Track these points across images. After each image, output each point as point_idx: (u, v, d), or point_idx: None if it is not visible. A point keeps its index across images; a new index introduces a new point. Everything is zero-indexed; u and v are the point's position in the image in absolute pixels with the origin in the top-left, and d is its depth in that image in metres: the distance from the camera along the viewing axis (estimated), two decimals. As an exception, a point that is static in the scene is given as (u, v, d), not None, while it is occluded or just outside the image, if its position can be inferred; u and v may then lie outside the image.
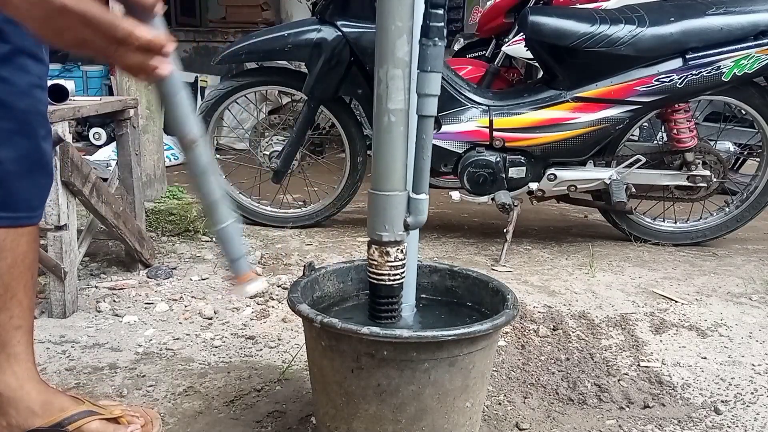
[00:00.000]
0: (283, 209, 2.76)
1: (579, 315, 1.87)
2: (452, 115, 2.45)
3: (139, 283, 2.03)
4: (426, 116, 1.05)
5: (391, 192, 1.05)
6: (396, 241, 1.07)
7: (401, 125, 1.02)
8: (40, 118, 1.06)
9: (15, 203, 1.04)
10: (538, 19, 2.36)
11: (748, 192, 2.59)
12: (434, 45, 1.01)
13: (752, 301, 2.02)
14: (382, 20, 0.98)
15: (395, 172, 1.04)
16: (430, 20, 1.01)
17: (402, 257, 1.09)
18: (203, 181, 0.92)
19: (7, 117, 1.00)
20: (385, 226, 1.06)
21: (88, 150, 4.25)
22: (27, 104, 1.02)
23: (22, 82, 1.00)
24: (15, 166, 1.02)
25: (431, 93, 1.04)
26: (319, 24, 2.45)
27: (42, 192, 1.10)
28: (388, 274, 1.09)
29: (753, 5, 2.33)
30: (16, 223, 1.05)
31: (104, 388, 1.41)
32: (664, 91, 2.34)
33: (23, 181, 1.04)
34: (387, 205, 1.05)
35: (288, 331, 1.73)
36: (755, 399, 1.46)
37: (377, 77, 1.01)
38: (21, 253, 1.06)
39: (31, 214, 1.08)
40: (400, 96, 1.01)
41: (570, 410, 1.40)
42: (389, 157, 1.04)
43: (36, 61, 1.02)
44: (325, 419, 1.14)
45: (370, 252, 1.09)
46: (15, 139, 1.01)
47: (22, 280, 1.07)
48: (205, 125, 2.67)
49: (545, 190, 2.49)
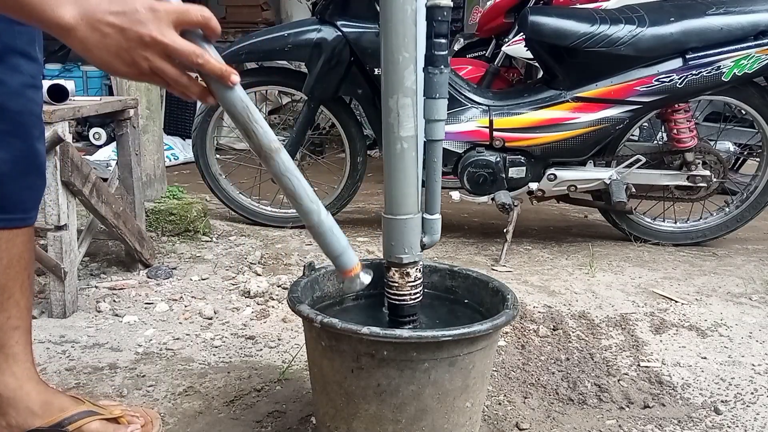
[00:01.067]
0: (283, 209, 2.76)
1: (579, 315, 1.87)
2: (452, 115, 2.45)
3: (139, 283, 2.03)
4: (435, 140, 1.10)
5: (407, 216, 1.09)
6: (415, 261, 1.12)
7: (413, 151, 1.06)
8: (34, 119, 1.04)
9: (9, 205, 1.04)
10: (538, 19, 2.36)
11: (748, 192, 2.59)
12: (440, 72, 1.07)
13: (752, 301, 2.02)
14: (390, 53, 1.02)
15: (410, 196, 1.08)
16: (435, 49, 1.05)
17: (420, 276, 1.15)
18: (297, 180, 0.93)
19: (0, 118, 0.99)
20: (404, 248, 1.10)
21: (88, 150, 4.25)
22: (20, 105, 1.00)
23: (15, 82, 0.99)
24: (8, 167, 1.01)
25: (439, 118, 1.09)
26: (319, 24, 2.45)
27: (36, 194, 1.09)
28: (410, 293, 1.14)
29: (753, 5, 2.33)
30: (10, 225, 1.05)
31: (104, 388, 1.41)
32: (664, 91, 2.34)
33: (17, 183, 1.03)
34: (404, 229, 1.10)
35: (288, 331, 1.73)
36: (755, 399, 1.46)
37: (386, 106, 1.04)
38: (16, 254, 1.06)
39: (25, 215, 1.07)
40: (411, 123, 1.04)
41: (570, 410, 1.40)
42: (403, 182, 1.07)
43: (29, 60, 1.01)
44: (325, 419, 1.14)
45: (390, 274, 1.13)
46: (8, 141, 1.00)
47: (19, 281, 1.07)
48: (205, 125, 2.67)
49: (545, 190, 2.49)
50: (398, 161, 1.06)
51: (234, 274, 2.14)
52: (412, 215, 1.09)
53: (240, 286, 2.02)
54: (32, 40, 1.02)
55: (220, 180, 2.75)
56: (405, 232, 1.09)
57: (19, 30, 0.99)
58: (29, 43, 1.01)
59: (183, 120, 4.82)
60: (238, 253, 2.35)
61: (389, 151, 1.06)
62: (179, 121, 4.85)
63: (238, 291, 1.99)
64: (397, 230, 1.10)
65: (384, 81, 1.04)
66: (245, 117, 0.88)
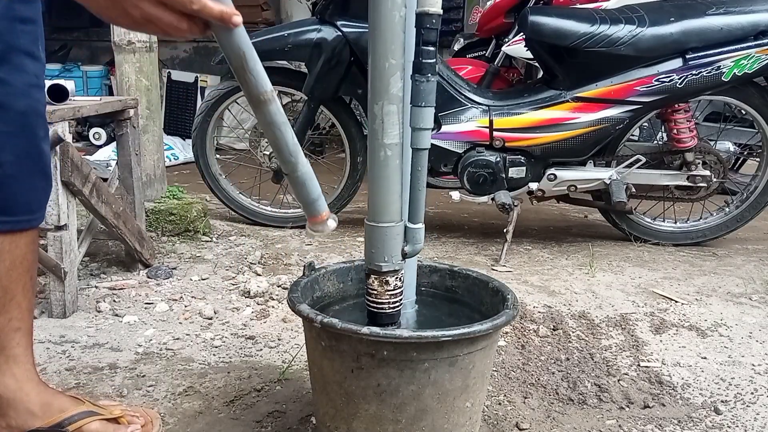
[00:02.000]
0: (283, 209, 2.76)
1: (579, 315, 1.87)
2: (452, 115, 2.45)
3: (139, 283, 2.03)
4: (420, 149, 1.08)
5: (388, 224, 1.08)
6: (395, 270, 1.10)
7: (396, 158, 1.05)
8: (39, 119, 1.03)
9: (14, 207, 1.02)
10: (538, 19, 2.36)
11: (748, 192, 2.59)
12: (427, 81, 1.04)
13: (752, 301, 2.02)
14: (376, 59, 1.01)
15: (392, 204, 1.07)
16: (423, 57, 1.03)
17: (400, 285, 1.12)
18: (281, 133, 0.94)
19: (5, 119, 0.97)
20: (384, 256, 1.08)
21: (88, 150, 4.25)
22: (25, 105, 0.99)
23: (20, 82, 0.98)
24: (14, 169, 1.00)
25: (425, 127, 1.07)
26: (319, 24, 2.45)
27: (41, 195, 1.08)
28: (388, 302, 1.12)
29: (753, 5, 2.33)
30: (16, 228, 1.04)
31: (104, 388, 1.41)
32: (664, 91, 2.34)
33: (23, 185, 1.02)
34: (386, 237, 1.08)
35: (288, 331, 1.73)
36: (755, 399, 1.46)
37: (372, 113, 1.03)
38: (19, 256, 1.05)
39: (30, 217, 1.06)
40: (395, 131, 1.03)
41: (570, 410, 1.40)
42: (386, 189, 1.06)
43: (33, 59, 1.00)
44: (325, 419, 1.14)
45: (369, 282, 1.12)
46: (14, 142, 0.99)
47: (21, 282, 1.06)
48: (205, 125, 2.67)
49: (545, 190, 2.49)
50: (381, 168, 1.05)
51: (234, 274, 2.14)
52: (393, 223, 1.08)
53: (240, 286, 2.02)
54: (36, 39, 1.01)
55: (220, 180, 2.75)
56: (386, 240, 1.08)
57: (23, 29, 0.98)
58: (33, 42, 1.00)
59: (183, 120, 4.82)
60: (238, 253, 2.35)
61: (373, 158, 1.05)
62: (179, 121, 4.86)
63: (238, 291, 1.99)
64: (378, 238, 1.08)
65: (370, 87, 1.03)
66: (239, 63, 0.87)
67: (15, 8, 0.96)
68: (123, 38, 2.36)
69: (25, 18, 0.98)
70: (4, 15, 0.94)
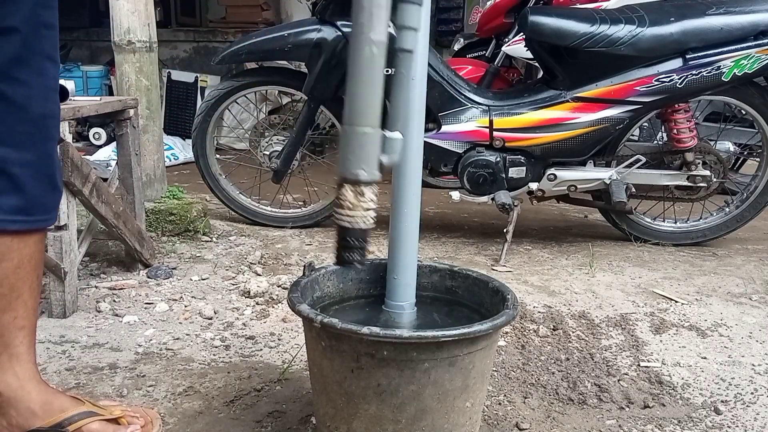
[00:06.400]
0: (283, 209, 2.76)
1: (579, 315, 1.87)
2: (452, 115, 2.45)
3: (139, 283, 2.03)
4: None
5: (368, 128, 0.99)
6: (372, 180, 1.01)
7: (382, 59, 0.96)
8: (55, 122, 1.06)
9: (32, 207, 1.04)
10: (538, 19, 2.36)
11: (748, 192, 2.59)
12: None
13: (752, 301, 2.02)
14: None
15: (374, 107, 0.99)
16: None
17: (375, 198, 1.03)
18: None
19: (25, 120, 0.99)
20: (361, 164, 0.99)
21: (88, 150, 4.24)
22: (45, 108, 1.01)
23: (41, 85, 1.00)
24: (33, 169, 1.02)
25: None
26: (319, 24, 2.45)
27: (57, 195, 1.10)
28: (363, 216, 1.01)
29: (753, 5, 2.33)
30: (32, 227, 1.05)
31: (104, 388, 1.41)
32: (664, 91, 2.34)
33: (41, 185, 1.04)
34: (364, 143, 0.99)
35: (288, 331, 1.73)
36: (755, 399, 1.46)
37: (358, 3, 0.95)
38: (28, 254, 1.06)
39: (46, 217, 1.07)
40: (383, 27, 0.95)
41: (570, 410, 1.40)
42: (368, 90, 0.98)
43: (53, 63, 1.02)
44: (325, 419, 1.14)
45: (342, 192, 1.01)
46: (33, 142, 1.01)
47: (28, 281, 1.07)
48: (205, 125, 2.67)
49: (545, 190, 2.49)
50: (366, 66, 0.96)
51: (234, 274, 2.14)
52: (372, 128, 0.99)
53: (240, 286, 2.02)
54: (56, 44, 1.03)
55: (220, 180, 2.75)
56: (365, 147, 0.99)
57: (46, 34, 1.00)
58: (53, 46, 1.02)
59: (183, 120, 4.82)
60: (238, 253, 2.35)
61: (357, 56, 0.96)
62: (179, 121, 4.86)
63: (238, 291, 1.99)
64: (355, 144, 0.99)
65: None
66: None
67: (40, 14, 0.98)
68: (123, 38, 2.36)
69: (48, 23, 1.00)
70: (29, 20, 0.96)
